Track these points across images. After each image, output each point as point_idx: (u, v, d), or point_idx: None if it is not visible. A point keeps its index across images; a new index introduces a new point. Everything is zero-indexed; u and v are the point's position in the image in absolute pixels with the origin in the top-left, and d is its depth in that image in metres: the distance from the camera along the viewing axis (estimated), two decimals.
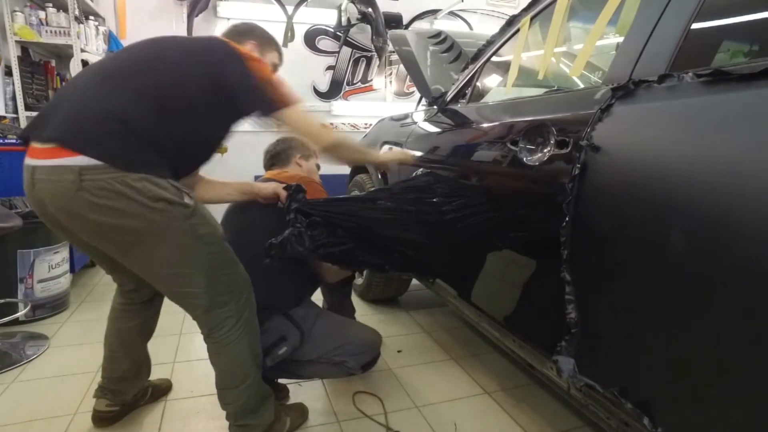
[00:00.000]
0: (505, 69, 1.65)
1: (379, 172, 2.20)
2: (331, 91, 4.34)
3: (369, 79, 4.45)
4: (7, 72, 2.85)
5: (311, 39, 4.19)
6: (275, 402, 1.35)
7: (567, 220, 0.96)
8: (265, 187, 1.48)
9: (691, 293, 0.76)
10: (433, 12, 4.38)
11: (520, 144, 1.19)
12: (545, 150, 1.10)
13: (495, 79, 1.79)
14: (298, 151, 1.73)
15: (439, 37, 2.27)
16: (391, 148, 2.12)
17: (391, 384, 1.71)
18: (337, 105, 4.31)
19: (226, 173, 1.39)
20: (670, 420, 0.79)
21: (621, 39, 1.08)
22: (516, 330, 1.26)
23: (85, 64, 2.95)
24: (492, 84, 1.78)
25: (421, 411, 1.54)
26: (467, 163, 1.48)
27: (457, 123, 1.71)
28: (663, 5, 0.97)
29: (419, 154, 1.77)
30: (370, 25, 4.07)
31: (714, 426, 0.74)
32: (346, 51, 4.30)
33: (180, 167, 1.15)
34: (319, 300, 1.72)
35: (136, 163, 1.02)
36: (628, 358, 0.89)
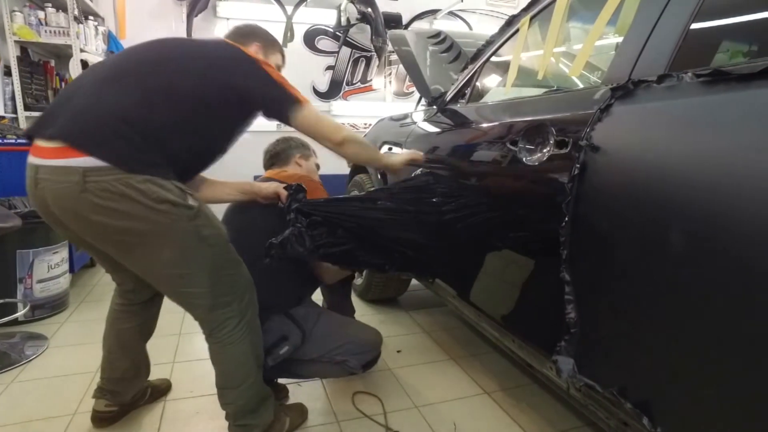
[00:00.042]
0: (504, 69, 1.65)
1: (378, 173, 2.19)
2: (331, 91, 4.35)
3: (368, 79, 4.45)
4: (7, 72, 2.85)
5: (311, 39, 4.19)
6: (275, 402, 1.34)
7: (566, 220, 0.96)
8: (265, 187, 1.47)
9: (691, 293, 0.76)
10: (432, 12, 4.39)
11: (519, 144, 1.19)
12: (545, 150, 1.10)
13: (494, 79, 1.79)
14: (298, 150, 1.73)
15: (439, 37, 2.27)
16: (390, 149, 2.12)
17: (390, 384, 1.71)
18: (336, 105, 4.31)
19: (226, 173, 1.39)
20: (670, 420, 0.79)
21: (620, 39, 1.08)
22: (515, 330, 1.25)
23: (85, 64, 2.95)
24: (491, 84, 1.78)
25: (420, 411, 1.54)
26: (467, 163, 1.48)
27: (456, 123, 1.71)
28: (662, 5, 0.97)
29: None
30: (369, 25, 4.07)
31: (713, 426, 0.74)
32: (345, 51, 4.30)
33: (187, 169, 1.15)
34: (318, 300, 1.72)
35: (141, 165, 1.02)
36: (628, 358, 0.89)
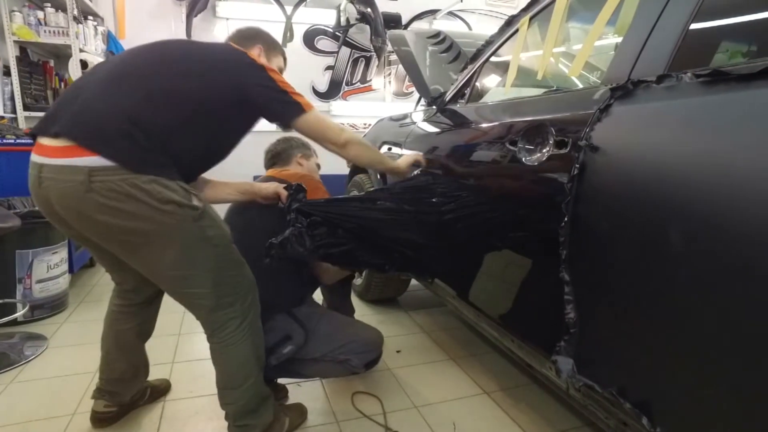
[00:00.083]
0: (504, 69, 1.65)
1: (378, 173, 2.19)
2: (330, 91, 4.34)
3: (368, 79, 4.45)
4: (6, 72, 2.85)
5: (310, 39, 4.18)
6: (274, 402, 1.34)
7: (566, 220, 0.96)
8: (265, 187, 1.47)
9: (690, 293, 0.76)
10: (432, 12, 4.39)
11: (519, 144, 1.19)
12: (544, 150, 1.10)
13: (494, 79, 1.79)
14: (299, 150, 1.73)
15: (438, 37, 2.27)
16: (390, 149, 2.12)
17: (390, 384, 1.71)
18: (336, 105, 4.31)
19: (225, 173, 1.38)
20: (669, 420, 0.79)
21: (620, 39, 1.08)
22: (515, 330, 1.25)
23: (84, 65, 2.94)
24: (491, 84, 1.78)
25: (420, 411, 1.54)
26: (466, 163, 1.48)
27: (456, 123, 1.71)
28: (662, 5, 0.97)
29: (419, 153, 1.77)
30: (369, 25, 4.07)
31: (713, 426, 0.74)
32: (345, 51, 4.30)
33: (190, 170, 1.15)
34: (318, 300, 1.72)
35: (146, 165, 1.02)
36: (627, 358, 0.89)
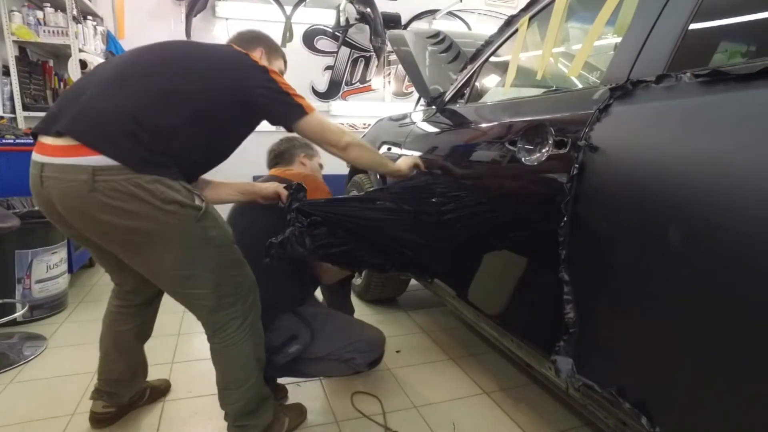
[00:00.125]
0: (503, 69, 1.65)
1: (377, 173, 2.19)
2: (330, 92, 4.34)
3: (368, 79, 4.45)
4: (5, 72, 2.84)
5: (310, 39, 4.18)
6: (274, 402, 1.34)
7: (565, 220, 0.97)
8: (265, 187, 1.47)
9: (689, 293, 0.76)
10: (431, 12, 4.39)
11: (518, 144, 1.19)
12: (543, 150, 1.10)
13: (493, 79, 1.79)
14: (302, 150, 1.73)
15: (438, 37, 2.27)
16: (389, 149, 2.12)
17: (389, 384, 1.71)
18: (335, 105, 4.31)
19: (225, 173, 1.38)
20: (668, 419, 0.79)
21: (619, 39, 1.08)
22: (514, 330, 1.25)
23: (83, 64, 2.94)
24: (490, 84, 1.78)
25: (419, 411, 1.54)
26: (466, 163, 1.48)
27: (455, 123, 1.71)
28: (661, 6, 0.97)
29: (418, 154, 1.77)
30: (368, 25, 4.08)
31: (712, 425, 0.74)
32: (344, 51, 4.30)
33: (192, 171, 1.15)
34: (318, 299, 1.72)
35: (150, 165, 1.02)
36: (626, 357, 0.89)
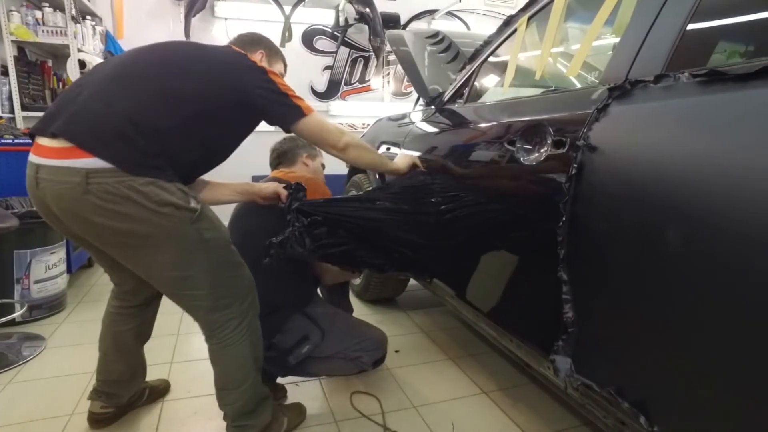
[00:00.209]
0: (502, 69, 1.65)
1: (376, 173, 2.19)
2: (329, 92, 4.35)
3: (367, 79, 4.45)
4: (4, 72, 2.84)
5: (309, 39, 4.19)
6: (273, 402, 1.34)
7: (564, 219, 0.97)
8: (265, 187, 1.47)
9: (688, 293, 0.76)
10: (430, 12, 4.39)
11: (517, 144, 1.19)
12: (542, 150, 1.10)
13: (492, 79, 1.79)
14: (305, 150, 1.73)
15: (437, 37, 2.27)
16: (388, 149, 2.13)
17: (388, 384, 1.71)
18: (334, 105, 4.31)
19: (224, 173, 1.38)
20: (667, 419, 0.80)
21: (617, 39, 1.08)
22: (513, 329, 1.26)
23: (82, 64, 2.94)
24: (489, 84, 1.78)
25: (418, 411, 1.55)
26: (465, 163, 1.48)
27: (454, 123, 1.71)
28: (659, 6, 0.97)
29: (417, 154, 1.77)
30: (367, 25, 4.08)
31: (710, 425, 0.75)
32: (343, 51, 4.30)
33: (190, 172, 1.15)
34: None
35: (144, 167, 1.01)
36: (625, 357, 0.89)
